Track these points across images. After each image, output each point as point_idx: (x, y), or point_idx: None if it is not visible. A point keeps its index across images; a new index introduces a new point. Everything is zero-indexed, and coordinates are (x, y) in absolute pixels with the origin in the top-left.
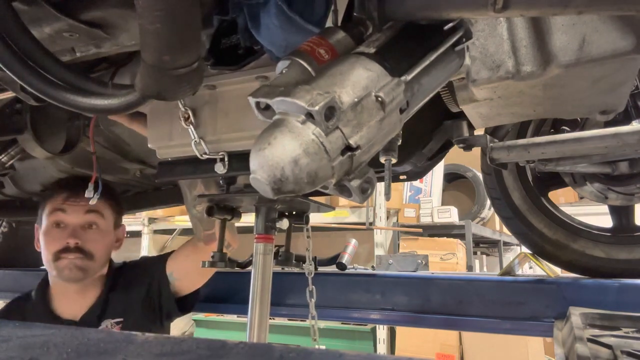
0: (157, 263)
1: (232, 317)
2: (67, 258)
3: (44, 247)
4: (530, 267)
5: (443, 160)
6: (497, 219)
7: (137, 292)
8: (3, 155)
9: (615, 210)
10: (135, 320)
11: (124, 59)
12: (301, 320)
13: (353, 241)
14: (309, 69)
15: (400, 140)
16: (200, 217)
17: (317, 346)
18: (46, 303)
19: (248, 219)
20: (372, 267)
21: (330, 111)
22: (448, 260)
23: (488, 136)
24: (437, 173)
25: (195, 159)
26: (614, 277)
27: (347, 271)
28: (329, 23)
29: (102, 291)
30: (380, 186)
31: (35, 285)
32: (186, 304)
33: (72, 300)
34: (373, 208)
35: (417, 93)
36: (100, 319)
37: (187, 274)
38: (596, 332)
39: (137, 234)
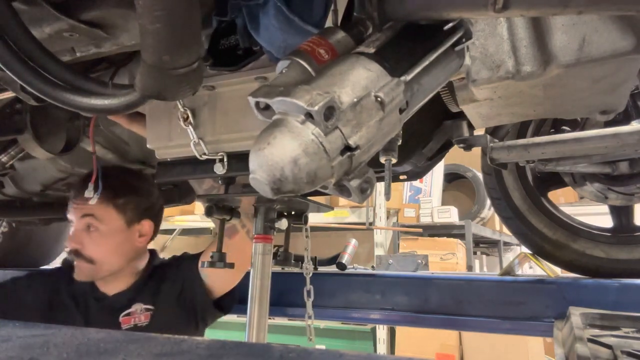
0: (191, 261)
1: (232, 317)
2: (75, 260)
3: None
4: (530, 267)
5: (443, 160)
6: (497, 219)
7: (171, 287)
8: (3, 155)
9: (615, 210)
10: (166, 313)
11: (124, 59)
12: (301, 320)
13: (353, 241)
14: (309, 69)
15: (400, 140)
16: None
17: (315, 346)
18: None
19: None
20: (372, 267)
21: (330, 111)
22: (448, 260)
23: (488, 136)
24: (437, 173)
25: (195, 159)
26: (614, 277)
27: (347, 271)
28: (328, 23)
29: (137, 280)
30: (380, 186)
31: None
32: (223, 304)
33: (109, 279)
34: (373, 208)
35: (417, 93)
36: (131, 302)
37: (215, 271)
38: (596, 332)
39: None
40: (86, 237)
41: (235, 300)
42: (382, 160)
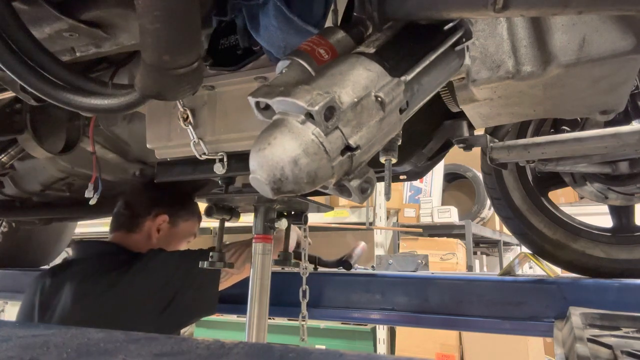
0: None
1: (232, 317)
2: None
3: None
4: (530, 267)
5: (443, 160)
6: (497, 219)
7: None
8: (3, 155)
9: (615, 210)
10: None
11: (124, 59)
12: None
13: (362, 244)
14: (309, 69)
15: (400, 140)
16: None
17: (315, 346)
18: None
19: (247, 219)
20: (372, 267)
21: (330, 111)
22: (448, 260)
23: (488, 136)
24: (437, 173)
25: (194, 159)
26: (614, 277)
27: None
28: (328, 23)
29: None
30: (380, 186)
31: None
32: None
33: None
34: (373, 208)
35: (417, 93)
36: None
37: None
38: (596, 332)
39: None
40: None
41: None
42: (382, 160)
